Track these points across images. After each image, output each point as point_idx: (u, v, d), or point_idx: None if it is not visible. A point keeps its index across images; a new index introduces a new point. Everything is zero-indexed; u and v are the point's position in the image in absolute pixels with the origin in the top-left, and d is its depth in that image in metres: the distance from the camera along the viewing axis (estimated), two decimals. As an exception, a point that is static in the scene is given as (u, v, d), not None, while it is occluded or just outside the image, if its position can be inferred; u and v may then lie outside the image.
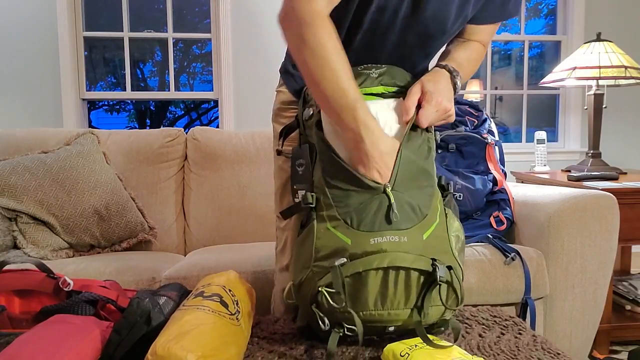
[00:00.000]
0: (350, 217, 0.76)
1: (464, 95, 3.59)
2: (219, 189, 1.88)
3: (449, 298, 0.76)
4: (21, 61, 2.66)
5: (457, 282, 0.75)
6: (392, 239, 0.73)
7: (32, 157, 1.63)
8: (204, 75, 7.70)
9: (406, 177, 0.79)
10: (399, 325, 0.76)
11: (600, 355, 1.69)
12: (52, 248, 1.56)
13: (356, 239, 0.74)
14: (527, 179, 2.19)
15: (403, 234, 0.74)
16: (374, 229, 0.74)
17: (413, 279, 0.72)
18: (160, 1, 5.66)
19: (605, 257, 1.39)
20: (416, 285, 0.73)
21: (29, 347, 0.62)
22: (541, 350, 0.79)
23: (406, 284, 0.72)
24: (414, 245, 0.74)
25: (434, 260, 0.73)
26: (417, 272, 0.72)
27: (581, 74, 1.99)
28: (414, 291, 0.73)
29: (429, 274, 0.73)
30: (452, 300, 0.77)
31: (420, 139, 0.84)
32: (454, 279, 0.75)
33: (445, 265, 0.74)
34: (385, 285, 0.72)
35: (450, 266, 0.75)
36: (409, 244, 0.74)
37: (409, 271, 0.72)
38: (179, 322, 0.67)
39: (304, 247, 0.80)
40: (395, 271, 0.72)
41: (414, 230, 0.75)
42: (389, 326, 0.76)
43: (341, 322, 0.75)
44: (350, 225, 0.75)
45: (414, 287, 0.73)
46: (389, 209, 0.75)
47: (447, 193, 0.85)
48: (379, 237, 0.74)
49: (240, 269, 1.37)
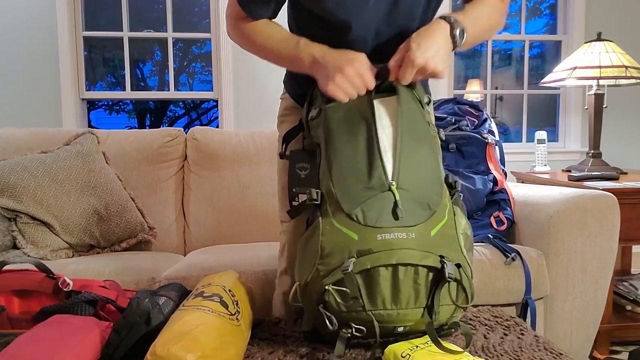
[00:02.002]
0: (356, 213, 0.75)
1: (464, 95, 3.59)
2: (218, 189, 1.87)
3: (458, 296, 0.75)
4: (21, 61, 2.66)
5: (467, 280, 0.74)
6: (399, 235, 0.73)
7: (31, 157, 1.63)
8: (204, 75, 7.71)
9: (410, 170, 0.79)
10: (410, 326, 0.75)
11: (600, 355, 1.69)
12: (51, 248, 1.56)
13: (363, 234, 0.74)
14: (527, 179, 2.19)
15: (411, 231, 0.74)
16: (381, 225, 0.74)
17: (422, 276, 0.72)
18: (160, 1, 5.66)
19: (605, 257, 1.39)
20: (425, 282, 0.72)
21: (28, 347, 0.62)
22: (544, 351, 0.79)
23: (415, 281, 0.72)
24: (422, 242, 0.73)
25: (442, 257, 0.72)
26: (426, 269, 0.72)
27: (581, 73, 1.99)
28: (423, 289, 0.72)
29: (438, 271, 0.72)
30: (462, 299, 0.76)
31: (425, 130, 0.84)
32: (463, 276, 0.74)
33: (453, 263, 0.73)
34: (395, 283, 0.72)
35: (459, 264, 0.74)
36: (417, 240, 0.73)
37: (417, 268, 0.71)
38: (178, 322, 0.67)
39: (309, 245, 0.79)
40: (404, 268, 0.71)
41: (421, 226, 0.75)
42: (398, 326, 0.75)
43: (349, 322, 0.74)
44: (357, 220, 0.75)
45: (422, 284, 0.72)
46: (395, 206, 0.75)
47: (455, 191, 0.85)
48: (387, 233, 0.73)
49: (240, 269, 1.37)
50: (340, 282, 0.72)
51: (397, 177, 0.77)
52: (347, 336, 0.74)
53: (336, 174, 0.80)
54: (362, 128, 0.81)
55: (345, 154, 0.80)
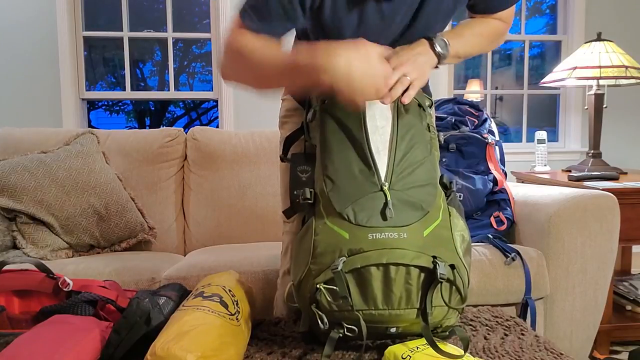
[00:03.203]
0: (347, 212, 0.76)
1: (464, 95, 3.59)
2: (218, 189, 1.87)
3: (452, 298, 0.75)
4: (21, 61, 2.66)
5: (461, 281, 0.74)
6: (391, 235, 0.73)
7: (31, 157, 1.63)
8: (204, 75, 7.71)
9: (404, 171, 0.79)
10: (403, 327, 0.75)
11: (600, 355, 1.69)
12: (51, 248, 1.56)
13: (354, 233, 0.74)
14: (527, 179, 2.19)
15: (403, 231, 0.74)
16: (372, 224, 0.74)
17: (413, 276, 0.72)
18: (160, 1, 5.66)
19: (605, 257, 1.39)
20: (416, 283, 0.72)
21: (28, 348, 0.62)
22: (544, 351, 0.79)
23: (406, 282, 0.72)
24: (414, 242, 0.73)
25: (434, 258, 0.72)
26: (418, 270, 0.72)
27: (581, 73, 1.99)
28: (414, 290, 0.72)
29: (430, 272, 0.72)
30: (456, 300, 0.75)
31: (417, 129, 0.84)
32: (457, 277, 0.74)
33: (447, 264, 0.73)
34: (387, 283, 0.72)
35: (453, 265, 0.74)
36: (409, 240, 0.73)
37: (409, 268, 0.71)
38: (178, 323, 0.67)
39: (303, 244, 0.80)
40: (395, 268, 0.71)
41: (414, 226, 0.75)
42: (390, 327, 0.75)
43: (341, 321, 0.74)
44: (348, 220, 0.75)
45: (414, 285, 0.72)
46: (384, 206, 0.75)
47: (451, 192, 0.85)
48: (378, 233, 0.73)
49: (240, 269, 1.37)
50: (331, 281, 0.72)
51: (390, 178, 0.78)
52: (337, 337, 0.74)
53: (329, 174, 0.80)
54: (356, 129, 0.82)
55: (339, 154, 0.81)
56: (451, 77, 2.99)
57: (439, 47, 0.87)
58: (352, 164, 0.80)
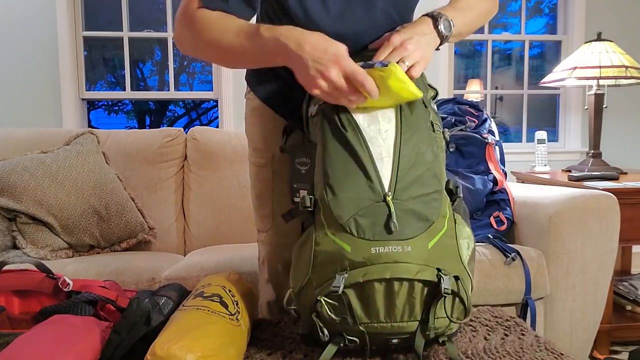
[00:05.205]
0: (349, 224, 0.72)
1: (464, 95, 3.59)
2: (218, 189, 1.87)
3: (455, 309, 0.73)
4: (21, 61, 2.66)
5: (464, 293, 0.72)
6: (394, 249, 0.70)
7: (31, 157, 1.63)
8: (204, 75, 7.70)
9: (409, 179, 0.75)
10: (404, 338, 0.73)
11: (600, 355, 1.69)
12: (51, 248, 1.56)
13: (356, 246, 0.71)
14: (527, 179, 2.19)
15: (407, 244, 0.70)
16: (375, 238, 0.71)
17: (417, 290, 0.69)
18: (160, 1, 5.66)
19: (605, 257, 1.38)
20: (420, 297, 0.70)
21: (28, 348, 0.62)
22: (545, 351, 0.78)
23: (409, 295, 0.69)
24: (419, 255, 0.70)
25: (439, 271, 0.70)
26: (421, 284, 0.69)
27: (581, 73, 1.99)
28: (418, 303, 0.70)
29: (434, 285, 0.69)
30: (459, 311, 0.73)
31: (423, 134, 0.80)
32: (461, 289, 0.71)
33: (451, 275, 0.71)
34: (390, 297, 0.69)
35: (458, 276, 0.71)
36: (413, 253, 0.70)
37: (413, 282, 0.68)
38: (178, 323, 0.67)
39: (303, 252, 0.77)
40: (399, 282, 0.68)
41: (419, 239, 0.71)
42: (392, 338, 0.73)
43: (341, 332, 0.73)
44: (350, 232, 0.72)
45: (417, 299, 0.70)
46: (388, 219, 0.71)
47: (456, 197, 0.81)
48: (381, 246, 0.70)
49: (240, 269, 1.37)
50: (332, 296, 0.70)
51: (394, 187, 0.74)
52: (336, 348, 0.73)
53: (330, 183, 0.76)
54: (357, 133, 0.77)
55: (339, 161, 0.77)
56: (451, 77, 2.99)
57: (443, 27, 0.82)
58: (353, 172, 0.75)
